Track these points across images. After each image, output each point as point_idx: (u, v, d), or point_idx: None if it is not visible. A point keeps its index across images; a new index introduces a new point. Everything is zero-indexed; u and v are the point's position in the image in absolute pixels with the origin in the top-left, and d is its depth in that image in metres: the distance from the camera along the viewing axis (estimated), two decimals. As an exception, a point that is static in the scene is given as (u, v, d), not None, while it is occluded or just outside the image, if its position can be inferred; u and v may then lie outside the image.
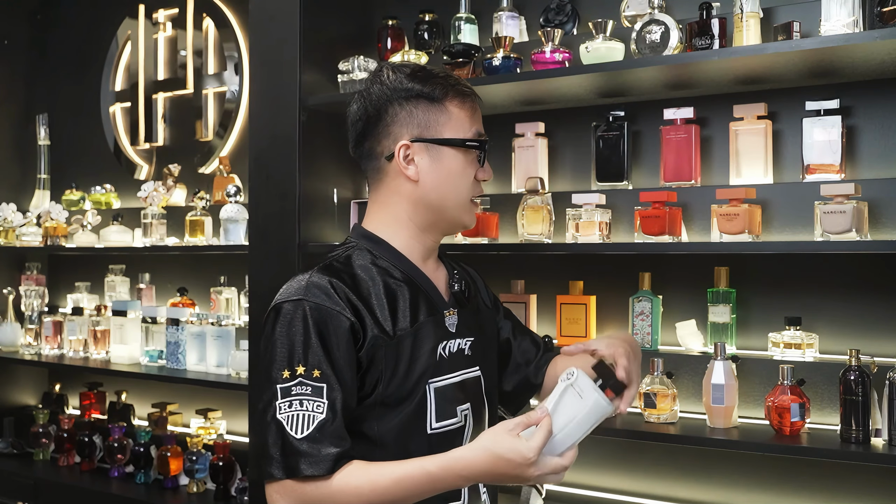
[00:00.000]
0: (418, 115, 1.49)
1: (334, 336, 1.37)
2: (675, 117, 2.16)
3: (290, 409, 1.32)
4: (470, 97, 1.53)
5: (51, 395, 3.56)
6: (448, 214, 1.52)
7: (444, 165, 1.49)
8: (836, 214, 1.85)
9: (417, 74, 1.51)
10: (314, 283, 1.40)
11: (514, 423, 1.32)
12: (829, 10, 1.84)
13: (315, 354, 1.35)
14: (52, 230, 3.37)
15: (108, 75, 3.61)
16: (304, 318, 1.37)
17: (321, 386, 1.33)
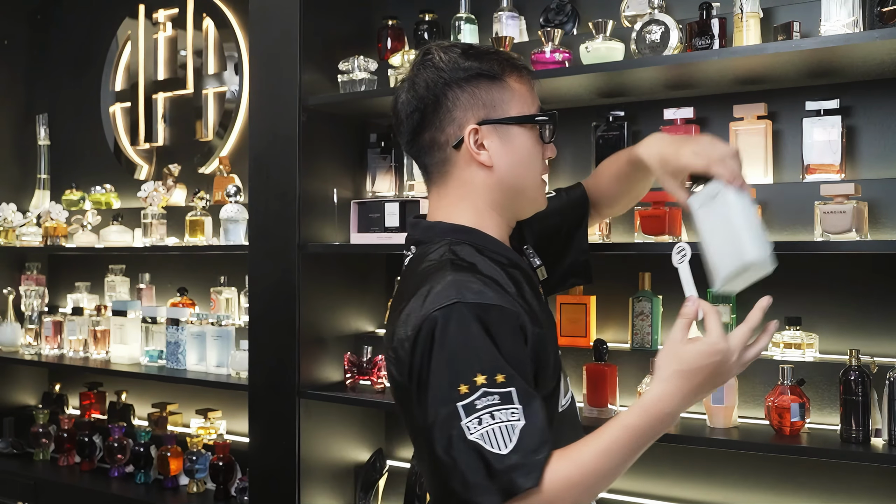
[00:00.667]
0: (481, 95, 1.36)
1: (505, 332, 1.21)
2: (675, 117, 2.16)
3: (482, 426, 1.13)
4: (527, 71, 1.42)
5: (51, 395, 3.56)
6: (526, 197, 1.42)
7: (516, 146, 1.38)
8: (836, 214, 1.85)
9: (470, 52, 1.38)
10: (460, 281, 1.23)
11: (679, 333, 1.23)
12: (828, 10, 1.84)
13: (491, 358, 1.17)
14: (52, 230, 3.37)
15: (108, 75, 3.61)
16: (466, 320, 1.19)
17: (509, 391, 1.15)
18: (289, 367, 2.45)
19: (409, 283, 1.33)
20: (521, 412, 1.14)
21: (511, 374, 1.16)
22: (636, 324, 2.21)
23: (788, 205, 2.05)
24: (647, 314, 2.19)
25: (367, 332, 2.69)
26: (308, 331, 2.48)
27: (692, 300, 1.27)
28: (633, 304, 2.22)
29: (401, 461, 2.66)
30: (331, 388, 2.50)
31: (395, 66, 2.41)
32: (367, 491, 2.51)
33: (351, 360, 2.48)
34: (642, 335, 2.20)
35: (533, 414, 1.16)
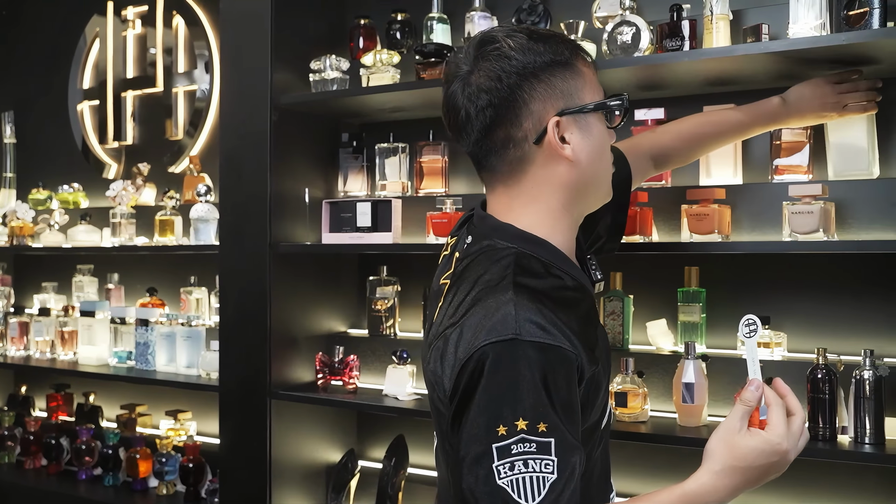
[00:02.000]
0: (557, 83, 1.24)
1: (560, 377, 1.13)
2: (646, 118, 2.17)
3: (512, 473, 1.07)
4: (588, 57, 1.31)
5: (16, 396, 3.51)
6: (600, 189, 1.33)
7: (595, 135, 1.28)
8: (803, 215, 1.87)
9: (535, 36, 1.25)
10: (521, 310, 1.14)
11: (738, 423, 1.17)
12: (796, 12, 1.86)
13: (538, 404, 1.09)
14: (18, 230, 3.32)
15: (76, 73, 3.57)
16: (520, 360, 1.11)
17: (548, 442, 1.08)
18: (260, 367, 2.44)
19: (466, 284, 1.24)
20: (555, 465, 1.08)
21: (555, 424, 1.09)
22: (607, 323, 2.22)
23: (757, 205, 2.07)
24: (619, 313, 2.21)
25: (339, 333, 2.68)
26: (279, 331, 2.46)
27: (755, 384, 1.19)
28: (605, 304, 2.23)
29: (372, 461, 2.66)
30: (302, 389, 2.49)
31: (367, 66, 2.40)
32: (338, 492, 2.50)
33: (322, 361, 2.47)
34: (613, 334, 2.21)
35: (567, 469, 1.09)
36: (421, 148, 2.50)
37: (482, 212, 1.34)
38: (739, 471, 1.15)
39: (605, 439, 1.41)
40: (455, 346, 1.17)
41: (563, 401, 1.12)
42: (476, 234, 1.32)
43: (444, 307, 1.27)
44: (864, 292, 2.02)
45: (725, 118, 1.88)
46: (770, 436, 1.14)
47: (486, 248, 1.27)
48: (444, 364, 1.19)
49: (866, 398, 1.80)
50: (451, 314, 1.23)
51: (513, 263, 1.21)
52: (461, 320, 1.18)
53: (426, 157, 2.49)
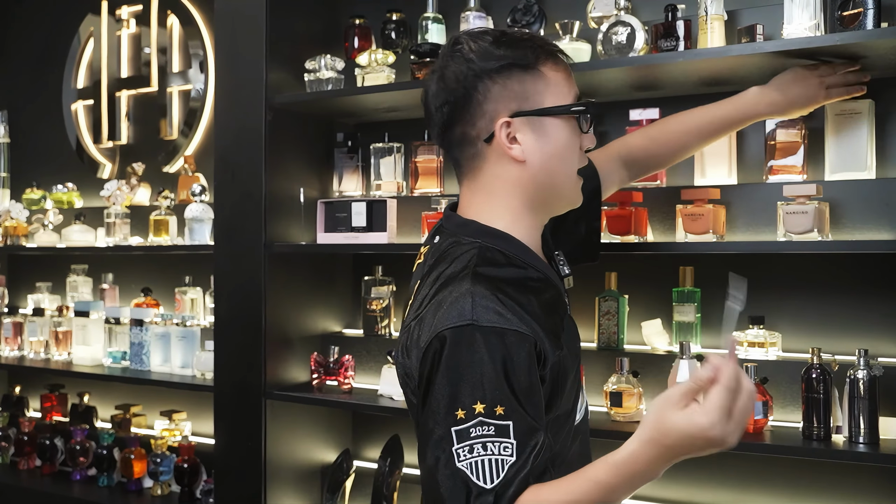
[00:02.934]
0: (513, 86, 1.29)
1: (518, 360, 1.16)
2: (640, 118, 2.17)
3: (472, 455, 1.10)
4: (561, 59, 1.34)
5: (11, 397, 3.50)
6: (560, 193, 1.35)
7: (551, 139, 1.30)
8: (798, 215, 1.88)
9: (502, 40, 1.30)
10: (478, 297, 1.18)
11: (676, 396, 1.10)
12: (791, 13, 1.87)
13: (496, 387, 1.13)
14: (11, 230, 3.31)
15: (71, 72, 3.56)
16: (476, 345, 1.15)
17: (506, 425, 1.11)
18: (255, 367, 2.43)
19: (431, 279, 1.29)
20: (513, 448, 1.10)
21: (513, 407, 1.12)
22: (602, 323, 2.22)
23: (752, 205, 2.08)
24: (614, 313, 2.21)
25: (334, 333, 2.67)
26: (274, 331, 2.46)
27: (710, 366, 1.12)
28: (600, 304, 2.23)
29: (368, 461, 2.65)
30: (297, 389, 2.48)
31: (362, 66, 2.40)
32: (333, 492, 2.50)
33: (318, 361, 2.46)
34: (608, 334, 2.22)
35: (526, 451, 1.11)
36: (416, 148, 2.50)
37: (450, 212, 1.40)
38: (664, 447, 1.10)
39: (583, 437, 1.43)
40: (418, 335, 1.22)
41: (522, 384, 1.15)
42: (444, 234, 1.37)
43: (412, 304, 1.33)
44: (859, 292, 2.03)
45: (703, 115, 1.81)
46: (700, 419, 1.07)
47: (452, 244, 1.32)
48: (410, 355, 1.24)
49: (861, 398, 1.81)
50: (415, 308, 1.29)
51: (475, 256, 1.26)
52: (423, 312, 1.24)
53: (421, 156, 2.49)
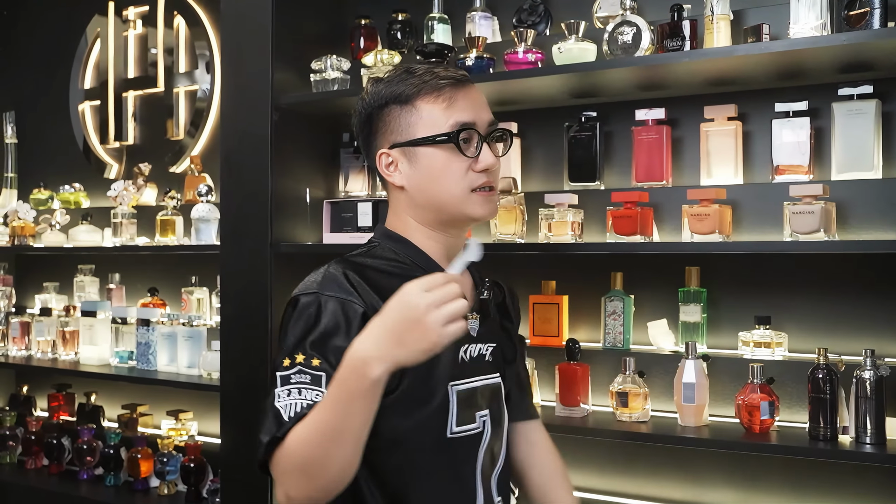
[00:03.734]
0: (391, 121, 1.46)
1: (344, 325, 1.32)
2: (646, 118, 2.17)
3: (288, 398, 1.26)
4: (448, 87, 1.45)
5: (18, 397, 3.51)
6: (447, 212, 1.46)
7: (423, 166, 1.45)
8: (804, 215, 1.87)
9: (394, 79, 1.47)
10: (330, 274, 1.38)
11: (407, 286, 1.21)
12: (797, 12, 1.86)
13: (318, 343, 1.30)
14: (19, 230, 3.32)
15: (78, 73, 3.57)
16: (315, 309, 1.33)
17: (320, 375, 1.27)
18: (261, 367, 2.44)
19: None
20: (321, 395, 1.26)
21: (330, 362, 1.27)
22: (608, 323, 2.22)
23: (758, 205, 2.07)
24: (619, 313, 2.21)
25: (340, 333, 2.67)
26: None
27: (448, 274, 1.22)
28: (605, 304, 2.23)
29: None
30: (303, 389, 2.48)
31: (367, 66, 2.40)
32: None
33: (323, 361, 2.47)
34: (614, 334, 2.21)
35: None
36: (422, 148, 2.50)
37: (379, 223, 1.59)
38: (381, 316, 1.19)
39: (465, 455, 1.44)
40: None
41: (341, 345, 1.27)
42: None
43: None
44: (865, 292, 2.03)
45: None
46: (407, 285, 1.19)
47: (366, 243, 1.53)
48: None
49: (867, 398, 1.81)
50: None
51: (364, 247, 1.49)
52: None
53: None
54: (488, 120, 1.47)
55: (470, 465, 1.46)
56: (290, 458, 1.23)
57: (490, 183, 1.47)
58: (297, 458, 1.23)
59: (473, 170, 1.44)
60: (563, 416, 2.13)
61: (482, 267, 1.51)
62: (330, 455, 1.22)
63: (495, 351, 1.55)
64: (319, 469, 1.22)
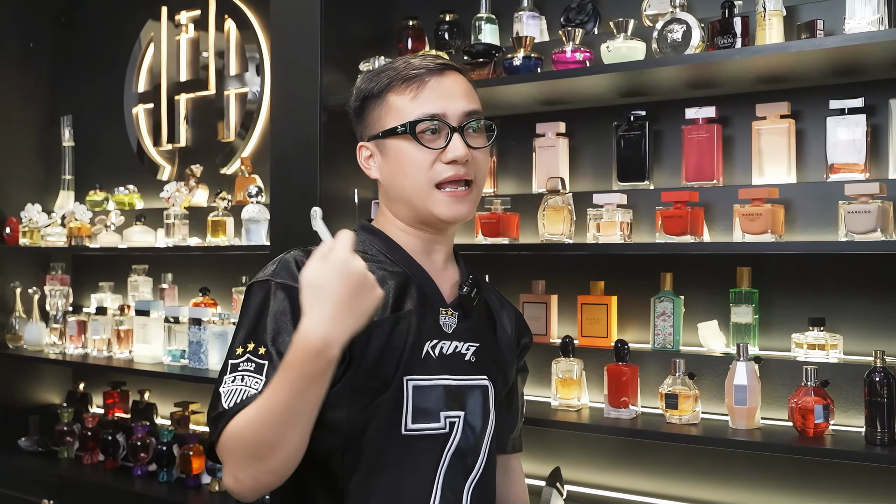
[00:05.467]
0: (366, 116, 1.50)
1: (290, 314, 1.33)
2: (696, 117, 2.15)
3: (232, 384, 1.29)
4: (419, 77, 1.44)
5: (75, 393, 3.60)
6: (413, 206, 1.46)
7: (392, 157, 1.46)
8: (860, 214, 1.83)
9: (373, 73, 1.51)
10: (284, 261, 1.40)
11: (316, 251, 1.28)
12: (853, 7, 1.83)
13: (265, 332, 1.33)
14: (76, 230, 3.40)
15: (132, 77, 3.64)
16: (265, 297, 1.36)
17: (263, 363, 1.30)
18: (310, 366, 2.46)
19: None
20: (262, 384, 1.27)
21: (274, 351, 1.30)
22: (658, 324, 2.20)
23: (812, 205, 2.03)
24: (669, 314, 2.18)
25: (388, 332, 2.68)
26: (329, 331, 2.48)
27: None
28: (655, 305, 2.21)
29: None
30: (351, 388, 2.50)
31: (415, 67, 2.41)
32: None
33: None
34: (664, 335, 2.19)
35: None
36: (469, 148, 2.50)
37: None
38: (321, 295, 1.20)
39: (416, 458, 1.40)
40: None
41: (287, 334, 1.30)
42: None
43: None
44: (924, 293, 1.98)
45: None
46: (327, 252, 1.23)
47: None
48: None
49: (926, 402, 1.76)
50: None
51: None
52: None
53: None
54: (464, 110, 1.44)
55: (427, 465, 1.41)
56: (240, 441, 1.24)
57: (459, 176, 1.43)
58: (248, 440, 1.24)
59: (442, 161, 1.42)
60: (611, 417, 2.11)
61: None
62: (283, 437, 1.22)
63: (480, 352, 1.50)
64: (270, 451, 1.23)
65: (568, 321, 2.42)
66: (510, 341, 1.63)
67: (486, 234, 2.30)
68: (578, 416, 2.17)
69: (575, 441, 2.36)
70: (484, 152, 1.49)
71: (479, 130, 1.48)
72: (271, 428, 1.21)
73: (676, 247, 2.06)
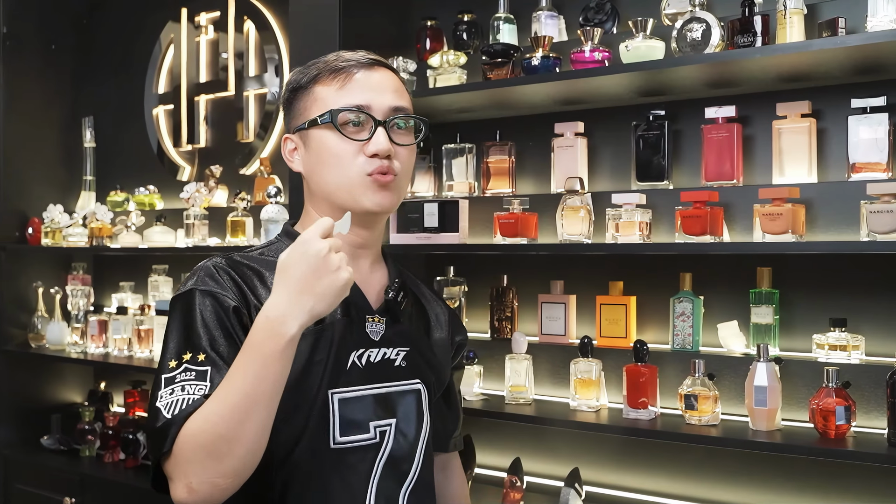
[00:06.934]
0: (293, 108, 1.47)
1: (219, 318, 1.31)
2: (716, 116, 2.13)
3: (171, 396, 1.24)
4: (345, 70, 1.42)
5: (96, 392, 3.63)
6: (337, 199, 1.42)
7: (314, 149, 1.43)
8: (882, 214, 1.82)
9: (304, 67, 1.48)
10: (205, 268, 1.37)
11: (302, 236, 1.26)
12: (875, 5, 1.81)
13: (200, 339, 1.29)
14: (97, 231, 3.43)
15: (152, 78, 3.67)
16: (190, 307, 1.32)
17: (205, 369, 1.26)
18: (328, 366, 2.47)
19: None
20: (207, 388, 1.24)
21: (213, 356, 1.27)
22: (677, 324, 2.19)
23: (833, 204, 2.02)
24: (688, 315, 2.17)
25: (406, 332, 2.69)
26: (347, 330, 2.49)
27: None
28: (674, 305, 2.20)
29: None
30: (370, 388, 2.50)
31: (433, 67, 2.42)
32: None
33: (390, 360, 2.48)
34: (683, 336, 2.18)
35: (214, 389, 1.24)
36: (488, 148, 2.50)
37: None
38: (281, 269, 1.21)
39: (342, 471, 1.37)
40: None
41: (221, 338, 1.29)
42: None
43: None
44: (948, 294, 1.96)
45: None
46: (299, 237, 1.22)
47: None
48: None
49: (950, 404, 1.74)
50: None
51: (256, 248, 1.48)
52: None
53: (493, 157, 2.49)
54: (390, 105, 1.42)
55: (359, 477, 1.38)
56: (195, 442, 1.18)
57: (382, 170, 1.40)
58: (205, 439, 1.18)
59: (365, 154, 1.40)
60: (630, 418, 2.10)
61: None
62: (242, 430, 1.17)
63: (411, 355, 1.47)
64: (229, 448, 1.17)
65: (587, 322, 2.41)
66: (444, 341, 1.61)
67: (504, 235, 2.29)
68: (597, 416, 2.17)
69: (593, 442, 2.36)
70: (409, 150, 1.45)
71: (405, 129, 1.45)
72: (229, 421, 1.17)
73: (696, 247, 2.05)
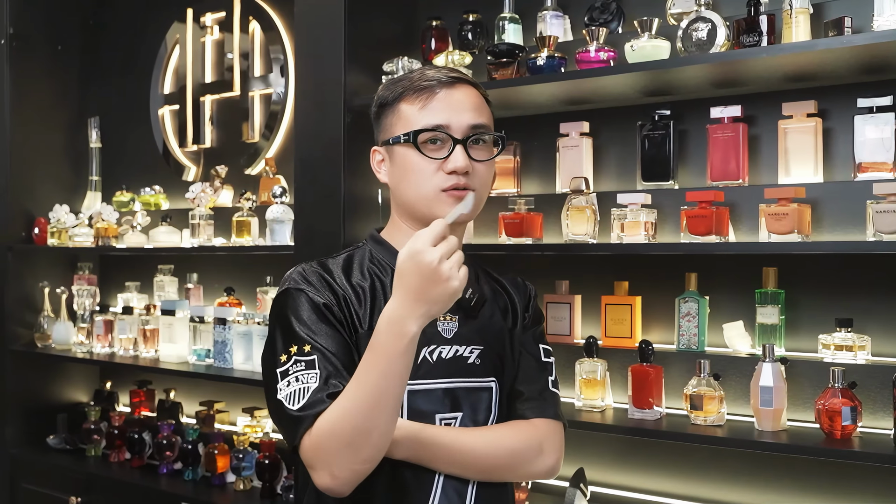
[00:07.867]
0: (380, 123, 1.56)
1: (315, 312, 1.43)
2: (722, 116, 2.13)
3: (288, 388, 1.37)
4: (430, 88, 1.50)
5: (102, 392, 3.64)
6: (418, 211, 1.51)
7: (398, 164, 1.52)
8: (889, 214, 1.81)
9: (391, 82, 1.56)
10: (299, 272, 1.51)
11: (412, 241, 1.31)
12: (881, 4, 1.81)
13: (302, 332, 1.41)
14: (103, 231, 3.43)
15: (158, 78, 3.68)
16: (291, 303, 1.45)
17: (312, 358, 1.38)
18: (334, 366, 2.47)
19: None
20: (318, 377, 1.36)
21: (317, 345, 1.40)
22: (682, 325, 2.19)
23: (839, 204, 2.01)
24: (694, 315, 2.17)
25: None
26: (353, 330, 2.49)
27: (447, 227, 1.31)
28: (679, 305, 2.19)
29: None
30: (375, 388, 2.50)
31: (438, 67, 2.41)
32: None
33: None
34: (688, 336, 2.18)
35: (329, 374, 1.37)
36: (492, 148, 2.50)
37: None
38: (399, 275, 1.29)
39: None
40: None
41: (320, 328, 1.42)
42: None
43: None
44: (954, 294, 1.95)
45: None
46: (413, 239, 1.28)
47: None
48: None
49: (956, 404, 1.74)
50: None
51: (342, 252, 1.60)
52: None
53: (498, 157, 2.49)
54: (469, 123, 1.49)
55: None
56: (333, 435, 1.30)
57: (459, 185, 1.48)
58: (342, 432, 1.30)
59: (444, 171, 1.48)
60: (636, 418, 2.10)
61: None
62: (374, 421, 1.29)
63: (486, 353, 1.53)
64: (365, 438, 1.29)
65: (592, 322, 2.41)
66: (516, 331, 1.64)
67: (509, 235, 2.29)
68: (602, 416, 2.17)
69: (599, 442, 2.35)
70: (487, 165, 1.54)
71: (484, 144, 1.53)
72: (363, 414, 1.28)
73: (701, 247, 2.04)
